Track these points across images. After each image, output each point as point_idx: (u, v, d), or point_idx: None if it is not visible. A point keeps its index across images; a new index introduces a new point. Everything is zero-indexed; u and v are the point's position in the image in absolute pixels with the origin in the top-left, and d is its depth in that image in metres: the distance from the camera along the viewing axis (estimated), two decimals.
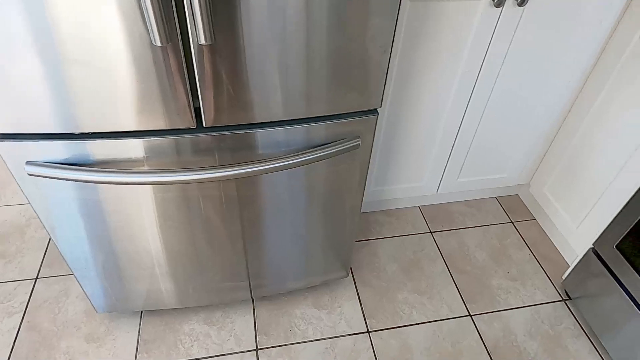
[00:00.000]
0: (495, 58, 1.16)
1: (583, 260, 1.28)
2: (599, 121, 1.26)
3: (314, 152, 0.86)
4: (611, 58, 1.20)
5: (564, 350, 1.24)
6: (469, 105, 1.26)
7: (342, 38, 0.74)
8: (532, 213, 1.64)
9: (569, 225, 1.41)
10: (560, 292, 1.38)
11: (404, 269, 1.41)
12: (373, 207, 1.59)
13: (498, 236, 1.54)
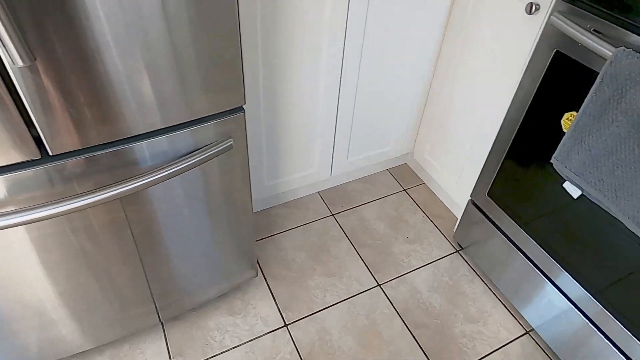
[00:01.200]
0: (356, 37, 1.21)
1: (465, 212, 1.41)
2: (455, 81, 1.38)
3: (182, 162, 0.82)
4: (457, 22, 1.32)
5: (462, 295, 1.36)
6: (341, 87, 1.31)
7: (188, 38, 0.71)
8: (420, 177, 1.76)
9: (450, 182, 1.54)
10: (454, 244, 1.51)
11: (312, 255, 1.44)
12: (272, 201, 1.59)
13: (394, 205, 1.64)
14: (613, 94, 0.83)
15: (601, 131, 0.86)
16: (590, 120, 0.88)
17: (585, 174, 0.92)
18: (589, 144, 0.90)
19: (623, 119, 0.82)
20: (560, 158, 0.96)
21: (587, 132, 0.89)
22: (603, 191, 0.90)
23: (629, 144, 0.82)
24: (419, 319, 1.29)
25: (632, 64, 0.79)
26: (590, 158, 0.90)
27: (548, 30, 0.99)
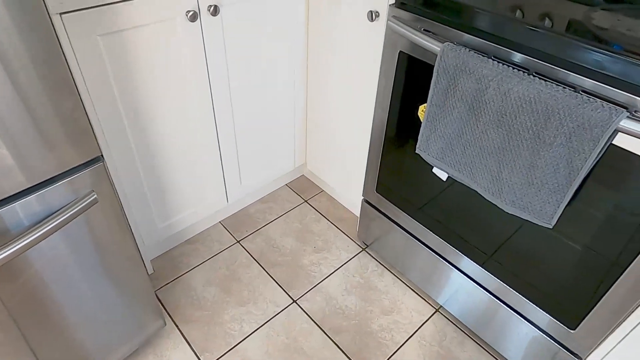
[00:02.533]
0: (219, 67, 1.21)
1: (362, 211, 1.47)
2: (327, 89, 1.44)
3: (39, 229, 0.75)
4: (315, 37, 1.38)
5: (375, 290, 1.41)
6: (215, 115, 1.29)
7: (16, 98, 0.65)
8: (319, 186, 1.80)
9: (344, 185, 1.60)
10: (359, 243, 1.57)
11: (223, 288, 1.40)
12: (173, 241, 1.52)
13: (298, 218, 1.66)
14: (448, 84, 0.92)
15: (447, 118, 0.96)
16: (437, 109, 0.97)
17: (444, 158, 1.01)
18: (441, 131, 0.98)
19: (461, 105, 0.92)
20: (422, 147, 1.05)
21: (437, 120, 0.98)
22: (462, 171, 0.99)
23: (470, 125, 0.92)
24: (337, 324, 1.31)
25: (457, 56, 0.88)
26: (445, 143, 0.99)
27: (389, 34, 1.07)
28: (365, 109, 1.32)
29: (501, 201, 0.93)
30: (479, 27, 0.89)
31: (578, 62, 0.77)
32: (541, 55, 0.82)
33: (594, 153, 0.75)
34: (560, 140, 0.78)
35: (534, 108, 0.80)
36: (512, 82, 0.81)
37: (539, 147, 0.82)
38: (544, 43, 0.80)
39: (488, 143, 0.90)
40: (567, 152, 0.79)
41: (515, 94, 0.81)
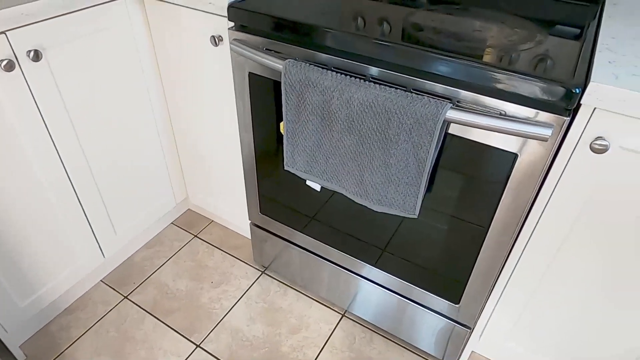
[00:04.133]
0: (59, 117, 1.09)
1: (252, 235, 1.44)
2: (192, 119, 1.39)
3: None
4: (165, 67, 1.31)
5: (280, 311, 1.38)
6: (68, 170, 1.16)
7: None
8: (207, 217, 1.73)
9: (231, 211, 1.55)
10: (258, 267, 1.53)
11: (115, 354, 1.26)
12: (46, 317, 1.33)
13: (190, 256, 1.57)
14: (298, 99, 0.93)
15: (305, 132, 0.97)
16: (294, 125, 0.98)
17: (312, 170, 1.02)
18: (302, 145, 1.00)
19: (313, 117, 0.93)
20: (289, 163, 1.05)
21: (296, 135, 0.99)
22: (329, 179, 1.01)
23: (326, 135, 0.94)
24: (247, 357, 1.26)
25: (300, 72, 0.90)
26: (308, 156, 1.00)
27: (235, 57, 1.06)
28: (231, 133, 1.29)
29: (369, 202, 0.97)
30: (316, 42, 0.91)
31: (406, 65, 0.83)
32: (374, 61, 0.87)
33: (432, 144, 0.82)
34: (404, 137, 0.84)
35: (376, 111, 0.84)
36: (352, 90, 0.85)
37: (388, 146, 0.86)
38: (374, 50, 0.85)
39: (345, 150, 0.93)
40: (412, 147, 0.84)
41: (357, 101, 0.85)
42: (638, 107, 0.67)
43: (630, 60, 0.76)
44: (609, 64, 0.75)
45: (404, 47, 0.81)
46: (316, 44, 0.92)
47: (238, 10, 0.98)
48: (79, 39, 1.08)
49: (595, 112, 0.73)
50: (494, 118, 0.75)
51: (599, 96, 0.70)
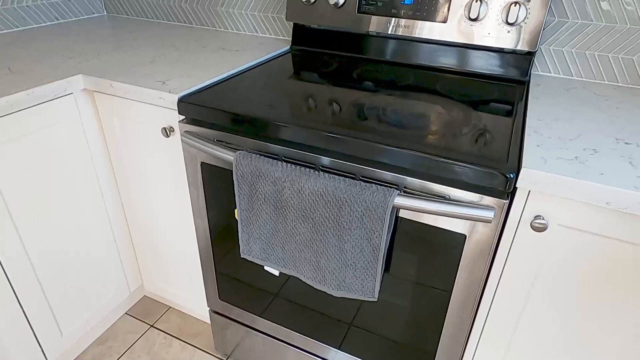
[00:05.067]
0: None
1: (212, 322, 1.37)
2: (146, 210, 1.35)
3: None
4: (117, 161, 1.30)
5: None
6: (6, 269, 1.09)
7: None
8: (164, 303, 1.64)
9: (189, 299, 1.48)
10: (220, 356, 1.45)
11: None
12: None
13: (145, 349, 1.46)
14: (250, 189, 0.94)
15: (259, 220, 0.97)
16: (248, 214, 0.98)
17: (268, 257, 1.01)
18: (257, 233, 0.99)
19: (267, 206, 0.94)
20: (245, 251, 1.03)
21: (251, 224, 0.98)
22: (287, 266, 1.00)
23: (281, 224, 0.94)
24: None
25: (250, 163, 0.91)
26: (264, 243, 0.99)
27: (187, 148, 1.07)
28: (186, 220, 1.27)
29: (328, 287, 0.96)
30: (266, 134, 0.94)
31: (353, 154, 0.86)
32: (323, 151, 0.90)
33: (384, 230, 0.83)
34: (356, 224, 0.85)
35: (327, 200, 0.85)
36: (303, 180, 0.86)
37: (342, 233, 0.87)
38: (322, 141, 0.88)
39: (300, 237, 0.93)
40: (365, 233, 0.85)
41: (308, 191, 0.86)
42: (566, 189, 0.72)
43: (554, 143, 0.83)
44: (537, 147, 0.81)
45: (351, 139, 0.85)
46: (266, 136, 0.95)
47: (188, 105, 1.00)
48: (25, 136, 1.06)
49: (531, 194, 0.78)
50: (439, 203, 0.78)
51: (531, 180, 0.74)
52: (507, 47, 1.16)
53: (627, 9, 1.11)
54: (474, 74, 1.23)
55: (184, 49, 1.38)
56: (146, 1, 1.75)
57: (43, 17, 1.63)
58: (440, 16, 1.20)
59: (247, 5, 1.56)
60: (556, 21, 1.19)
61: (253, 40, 1.53)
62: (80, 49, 1.33)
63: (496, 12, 1.14)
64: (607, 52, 1.16)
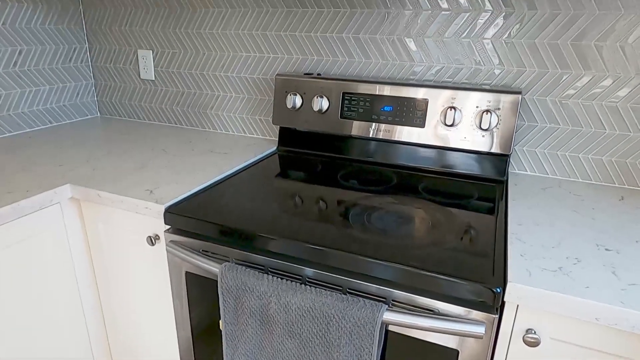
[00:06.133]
0: None
1: None
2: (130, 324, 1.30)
3: None
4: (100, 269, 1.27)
5: None
6: None
7: None
8: None
9: None
10: None
11: None
12: None
13: None
14: (235, 302, 0.91)
15: (245, 335, 0.93)
16: (233, 327, 0.94)
17: None
18: (243, 349, 0.94)
19: (253, 321, 0.91)
20: None
21: (236, 338, 0.94)
22: None
23: (267, 339, 0.91)
24: None
25: (236, 276, 0.90)
26: (250, 359, 0.95)
27: (171, 257, 1.06)
28: (168, 330, 1.21)
29: None
30: (252, 246, 0.94)
31: (340, 267, 0.86)
32: (309, 263, 0.89)
33: (374, 346, 0.80)
34: (345, 341, 0.82)
35: (314, 316, 0.83)
36: (289, 295, 0.85)
37: (331, 350, 0.84)
38: (308, 254, 0.88)
39: (288, 353, 0.89)
40: (354, 349, 0.82)
41: (294, 306, 0.84)
42: (553, 304, 0.72)
43: (537, 252, 0.84)
44: (520, 257, 0.82)
45: (337, 252, 0.85)
46: (252, 247, 0.95)
47: (174, 215, 1.01)
48: (4, 250, 1.04)
49: (520, 307, 0.77)
50: (430, 319, 0.77)
51: (518, 294, 0.74)
52: (483, 150, 1.22)
53: (589, 114, 1.19)
54: (453, 174, 1.27)
55: (173, 152, 1.42)
56: (138, 104, 1.83)
57: (37, 122, 1.69)
58: (418, 122, 1.27)
59: (235, 109, 1.65)
60: (526, 125, 1.26)
61: (241, 140, 1.59)
62: (70, 155, 1.36)
63: (470, 118, 1.21)
64: (577, 152, 1.23)
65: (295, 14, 1.44)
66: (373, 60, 1.39)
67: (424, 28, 1.29)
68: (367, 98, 1.32)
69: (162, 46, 1.69)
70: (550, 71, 1.20)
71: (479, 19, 1.23)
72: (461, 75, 1.29)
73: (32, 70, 1.64)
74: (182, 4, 1.60)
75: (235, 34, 1.55)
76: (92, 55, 1.84)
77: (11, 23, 1.54)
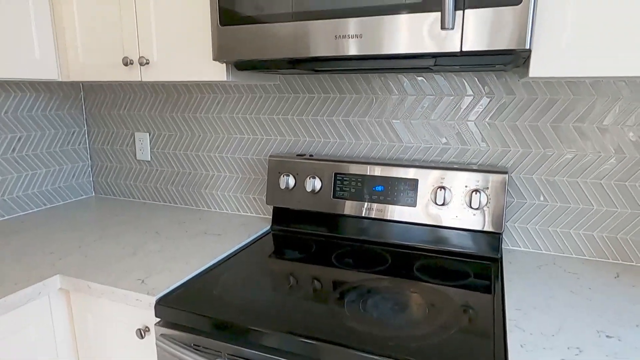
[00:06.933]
0: None
1: None
2: None
3: None
4: None
5: None
6: None
7: None
8: None
9: None
10: None
11: None
12: None
13: None
14: None
15: None
16: None
17: None
18: None
19: None
20: None
21: None
22: None
23: None
24: None
25: None
26: None
27: (161, 352, 1.02)
28: None
29: None
30: (244, 340, 0.91)
31: None
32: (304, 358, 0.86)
33: None
34: None
35: None
36: None
37: None
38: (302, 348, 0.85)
39: None
40: None
41: None
42: None
43: (538, 342, 0.82)
44: (521, 348, 0.80)
45: (333, 346, 0.82)
46: (245, 342, 0.92)
47: (165, 308, 0.99)
48: None
49: None
50: None
51: None
52: (475, 229, 1.23)
53: (576, 190, 1.22)
54: (447, 252, 1.27)
55: (166, 234, 1.42)
56: (133, 184, 1.85)
57: (31, 205, 1.69)
58: (410, 201, 1.29)
59: (229, 188, 1.67)
60: (515, 202, 1.29)
61: (235, 219, 1.59)
62: (62, 241, 1.35)
63: (460, 197, 1.24)
64: (568, 228, 1.24)
65: (287, 99, 1.51)
66: (363, 141, 1.44)
67: (410, 111, 1.36)
68: (358, 178, 1.35)
69: (158, 128, 1.75)
70: (533, 151, 1.24)
71: (462, 103, 1.29)
72: (449, 154, 1.34)
73: (29, 155, 1.67)
74: (179, 90, 1.67)
75: (230, 117, 1.61)
76: (91, 137, 1.89)
77: (13, 111, 1.60)
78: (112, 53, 1.34)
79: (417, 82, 1.33)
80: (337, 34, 0.98)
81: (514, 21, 0.84)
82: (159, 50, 1.28)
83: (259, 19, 1.05)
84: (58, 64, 1.42)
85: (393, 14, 0.92)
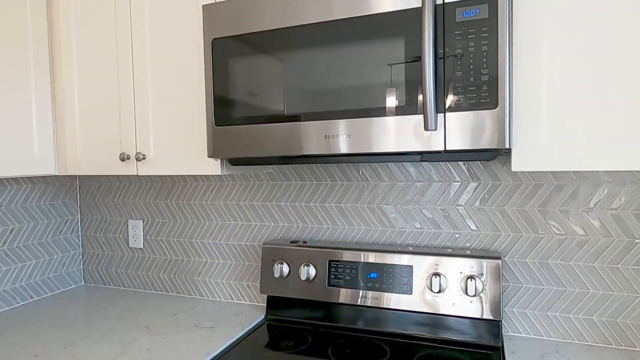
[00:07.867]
0: None
1: None
2: None
3: None
4: None
5: None
6: None
7: None
8: None
9: None
10: None
11: None
12: None
13: None
14: None
15: None
16: None
17: None
18: None
19: None
20: None
21: None
22: None
23: None
24: None
25: None
26: None
27: None
28: None
29: None
30: None
31: None
32: None
33: None
34: None
35: None
36: None
37: None
38: None
39: None
40: None
41: None
42: None
43: None
44: None
45: None
46: None
47: None
48: None
49: None
50: None
51: None
52: (474, 316, 1.21)
53: (570, 274, 1.22)
54: (447, 341, 1.24)
55: (156, 329, 1.37)
56: (125, 272, 1.82)
57: (17, 299, 1.64)
58: (405, 288, 1.27)
59: (223, 275, 1.64)
60: (511, 286, 1.28)
61: (229, 308, 1.55)
62: (46, 342, 1.29)
63: (455, 284, 1.23)
64: (566, 313, 1.23)
65: (280, 187, 1.54)
66: (356, 227, 1.45)
67: (400, 197, 1.39)
68: (352, 265, 1.34)
69: (152, 216, 1.76)
70: (524, 234, 1.26)
71: (451, 189, 1.33)
72: (441, 238, 1.35)
73: (20, 247, 1.65)
74: (174, 179, 1.71)
75: (223, 204, 1.63)
76: (83, 225, 1.89)
77: (7, 204, 1.61)
78: (110, 149, 1.39)
79: (405, 169, 1.38)
80: (327, 133, 1.03)
81: (492, 124, 0.89)
82: (156, 146, 1.33)
83: (253, 120, 1.10)
84: (56, 159, 1.46)
85: (380, 117, 0.98)
